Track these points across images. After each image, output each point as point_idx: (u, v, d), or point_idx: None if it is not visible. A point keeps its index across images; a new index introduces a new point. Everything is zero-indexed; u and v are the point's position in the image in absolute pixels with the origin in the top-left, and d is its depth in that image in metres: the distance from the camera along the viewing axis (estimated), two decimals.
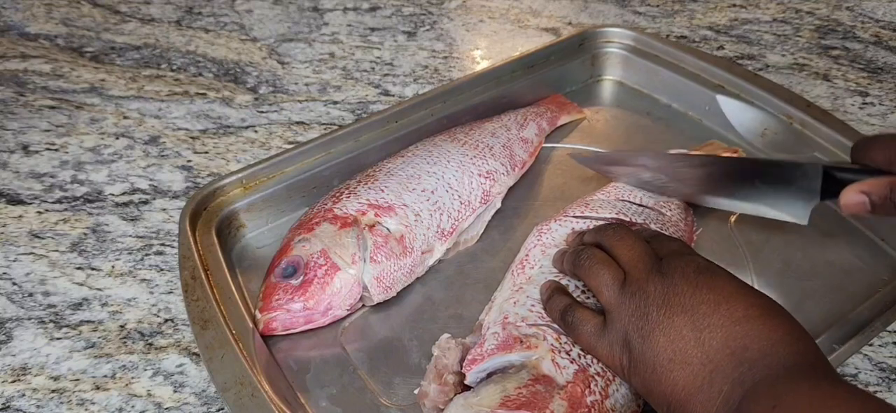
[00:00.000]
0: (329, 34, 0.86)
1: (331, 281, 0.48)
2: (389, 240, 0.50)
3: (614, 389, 0.41)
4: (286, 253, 0.50)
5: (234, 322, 0.46)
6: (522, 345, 0.42)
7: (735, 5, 0.91)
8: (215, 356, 0.43)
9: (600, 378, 0.41)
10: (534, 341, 0.42)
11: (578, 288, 0.46)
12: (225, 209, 0.55)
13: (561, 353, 0.41)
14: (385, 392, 0.45)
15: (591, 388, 0.40)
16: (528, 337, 0.42)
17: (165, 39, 0.85)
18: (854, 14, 0.87)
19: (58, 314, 0.52)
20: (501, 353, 0.42)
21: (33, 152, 0.67)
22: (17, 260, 0.56)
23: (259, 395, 0.41)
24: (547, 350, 0.41)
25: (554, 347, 0.42)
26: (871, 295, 0.49)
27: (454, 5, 0.92)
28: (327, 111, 0.73)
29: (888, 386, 0.46)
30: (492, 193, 0.56)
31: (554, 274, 0.47)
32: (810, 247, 0.55)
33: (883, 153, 0.45)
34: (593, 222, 0.51)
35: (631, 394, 0.42)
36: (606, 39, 0.72)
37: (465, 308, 0.50)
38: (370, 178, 0.54)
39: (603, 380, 0.41)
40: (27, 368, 0.48)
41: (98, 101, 0.74)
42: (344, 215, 0.51)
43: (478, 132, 0.60)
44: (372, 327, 0.49)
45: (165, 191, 0.63)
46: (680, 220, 0.53)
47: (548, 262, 0.49)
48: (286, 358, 0.47)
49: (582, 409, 0.39)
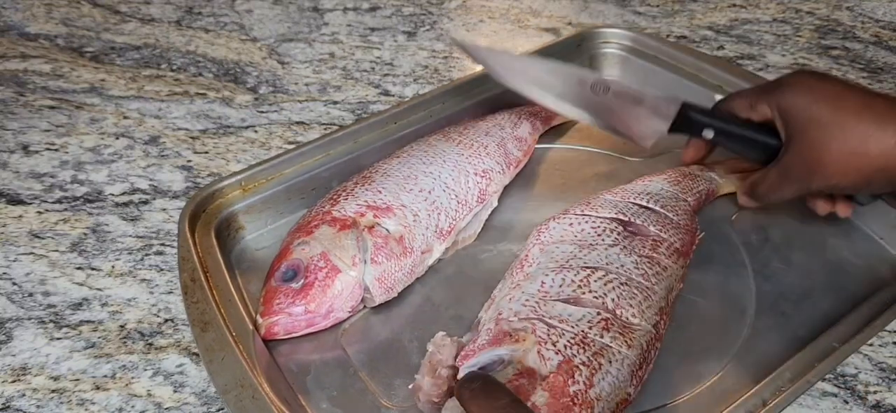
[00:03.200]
0: (329, 34, 0.86)
1: (332, 283, 0.48)
2: (389, 240, 0.50)
3: (599, 379, 0.41)
4: (286, 256, 0.49)
5: (234, 324, 0.46)
6: (511, 338, 0.42)
7: (735, 5, 0.91)
8: (215, 358, 0.43)
9: (585, 368, 0.41)
10: (522, 334, 0.42)
11: (575, 282, 0.46)
12: (224, 211, 0.55)
13: (547, 345, 0.42)
14: (386, 393, 0.45)
15: (575, 377, 0.40)
16: (517, 331, 0.43)
17: (165, 39, 0.85)
18: (854, 14, 0.87)
19: (58, 314, 0.52)
20: (491, 348, 0.42)
21: (33, 152, 0.67)
22: (17, 260, 0.56)
23: (260, 396, 0.41)
24: (533, 343, 0.42)
25: (541, 340, 0.42)
26: (872, 294, 0.49)
27: (454, 5, 0.92)
28: (327, 111, 0.73)
29: (888, 386, 0.46)
30: (488, 192, 0.56)
31: (552, 271, 0.47)
32: (810, 246, 0.54)
33: (744, 100, 0.52)
34: (593, 220, 0.51)
35: (618, 382, 0.42)
36: (604, 40, 0.72)
37: (465, 308, 0.50)
38: (366, 180, 0.54)
39: (588, 369, 0.41)
40: (27, 368, 0.49)
41: (98, 101, 0.74)
42: (342, 217, 0.51)
43: (472, 131, 0.60)
44: (372, 329, 0.49)
45: (165, 191, 0.63)
46: (683, 226, 0.53)
47: (545, 258, 0.49)
48: (287, 361, 0.47)
49: (564, 398, 0.39)
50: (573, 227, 0.51)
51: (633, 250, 0.49)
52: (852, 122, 0.45)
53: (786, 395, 0.41)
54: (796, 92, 0.48)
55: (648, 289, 0.47)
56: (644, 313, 0.45)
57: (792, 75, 0.50)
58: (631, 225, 0.51)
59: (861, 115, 0.45)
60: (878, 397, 0.46)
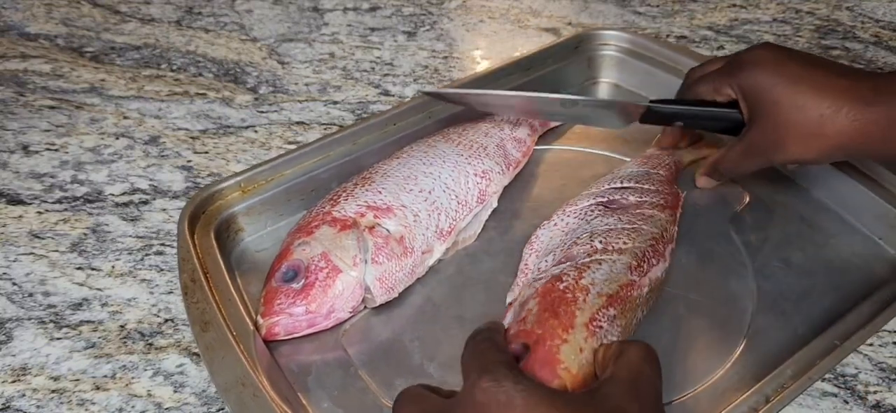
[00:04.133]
0: (329, 34, 0.86)
1: (333, 283, 0.48)
2: (390, 241, 0.50)
3: (590, 274, 0.44)
4: (286, 257, 0.49)
5: (235, 323, 0.46)
6: (510, 307, 0.46)
7: (735, 5, 0.91)
8: (216, 357, 0.43)
9: (574, 271, 0.44)
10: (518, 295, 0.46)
11: (563, 250, 0.48)
12: (223, 213, 0.54)
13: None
14: (387, 393, 0.45)
15: (563, 279, 0.44)
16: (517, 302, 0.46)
17: (165, 39, 0.85)
18: (854, 14, 0.88)
19: (58, 314, 0.52)
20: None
21: (33, 152, 0.67)
22: (17, 260, 0.56)
23: (260, 395, 0.40)
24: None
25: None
26: (871, 293, 0.49)
27: (454, 5, 0.92)
28: (327, 111, 0.73)
29: (888, 386, 0.46)
30: (488, 193, 0.56)
31: (543, 256, 0.49)
32: (809, 246, 0.55)
33: (708, 85, 0.54)
34: (576, 212, 0.53)
35: (613, 274, 0.45)
36: (602, 42, 0.72)
37: (466, 308, 0.50)
38: (366, 180, 0.54)
39: (577, 271, 0.44)
40: (27, 368, 0.49)
41: (98, 101, 0.74)
42: (343, 218, 0.51)
43: (471, 132, 0.60)
44: (373, 329, 0.49)
45: (165, 191, 0.63)
46: (662, 190, 0.55)
47: (540, 260, 0.50)
48: (288, 361, 0.47)
49: (555, 293, 0.42)
50: (559, 226, 0.52)
51: (615, 215, 0.51)
52: (811, 103, 0.47)
53: (788, 392, 0.41)
54: (757, 72, 0.50)
55: (635, 229, 0.49)
56: (636, 243, 0.48)
57: (752, 52, 0.51)
58: (611, 202, 0.53)
59: (818, 97, 0.47)
60: (878, 397, 0.46)
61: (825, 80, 0.47)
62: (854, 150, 0.47)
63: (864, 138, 0.46)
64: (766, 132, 0.50)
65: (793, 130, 0.48)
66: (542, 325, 0.40)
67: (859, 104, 0.46)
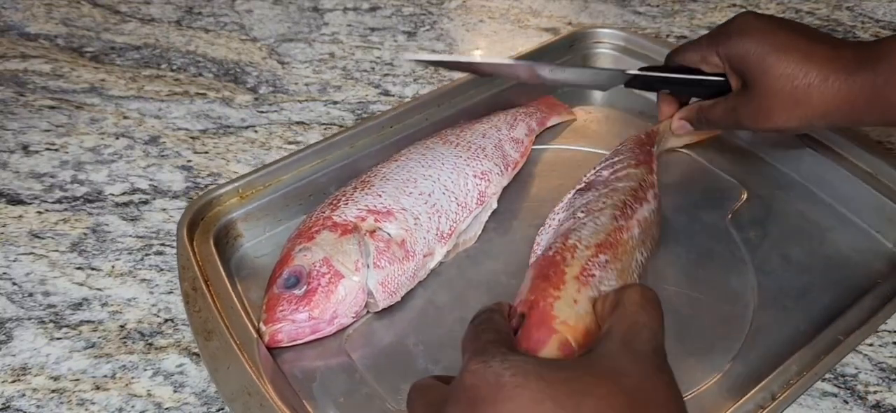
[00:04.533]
0: (329, 34, 0.86)
1: (335, 289, 0.47)
2: (391, 244, 0.50)
3: (575, 234, 0.46)
4: (287, 263, 0.49)
5: (238, 331, 0.45)
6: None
7: (735, 5, 0.91)
8: (221, 367, 0.42)
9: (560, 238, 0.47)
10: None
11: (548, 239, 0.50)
12: (222, 219, 0.54)
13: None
14: (392, 398, 0.45)
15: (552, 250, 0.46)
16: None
17: (165, 39, 0.85)
18: (854, 14, 0.88)
19: (58, 314, 0.52)
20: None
21: (33, 152, 0.67)
22: (17, 260, 0.56)
23: (267, 404, 0.40)
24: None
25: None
26: (871, 288, 0.49)
27: (454, 5, 0.92)
28: (327, 111, 0.73)
29: (888, 386, 0.46)
30: (487, 194, 0.56)
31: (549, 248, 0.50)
32: (808, 242, 0.55)
33: (695, 53, 0.54)
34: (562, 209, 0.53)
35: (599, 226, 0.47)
36: (597, 40, 0.72)
37: (468, 310, 0.49)
38: (366, 184, 0.54)
39: (562, 238, 0.47)
40: (27, 368, 0.49)
41: (98, 101, 0.74)
42: (344, 222, 0.51)
43: (469, 133, 0.60)
44: (376, 334, 0.49)
45: (165, 191, 0.63)
46: (633, 153, 0.56)
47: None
48: (291, 368, 0.47)
49: (544, 261, 0.44)
50: (552, 225, 0.53)
51: (593, 190, 0.53)
52: (799, 72, 0.47)
53: (793, 389, 0.41)
54: (744, 41, 0.50)
55: (612, 189, 0.51)
56: (615, 199, 0.49)
57: (738, 22, 0.52)
58: (588, 185, 0.54)
59: (805, 66, 0.47)
60: (878, 397, 0.46)
61: (810, 48, 0.48)
62: (839, 117, 0.48)
63: (849, 106, 0.47)
64: (751, 99, 0.50)
65: (780, 99, 0.48)
66: (535, 290, 0.41)
67: (844, 73, 0.46)
